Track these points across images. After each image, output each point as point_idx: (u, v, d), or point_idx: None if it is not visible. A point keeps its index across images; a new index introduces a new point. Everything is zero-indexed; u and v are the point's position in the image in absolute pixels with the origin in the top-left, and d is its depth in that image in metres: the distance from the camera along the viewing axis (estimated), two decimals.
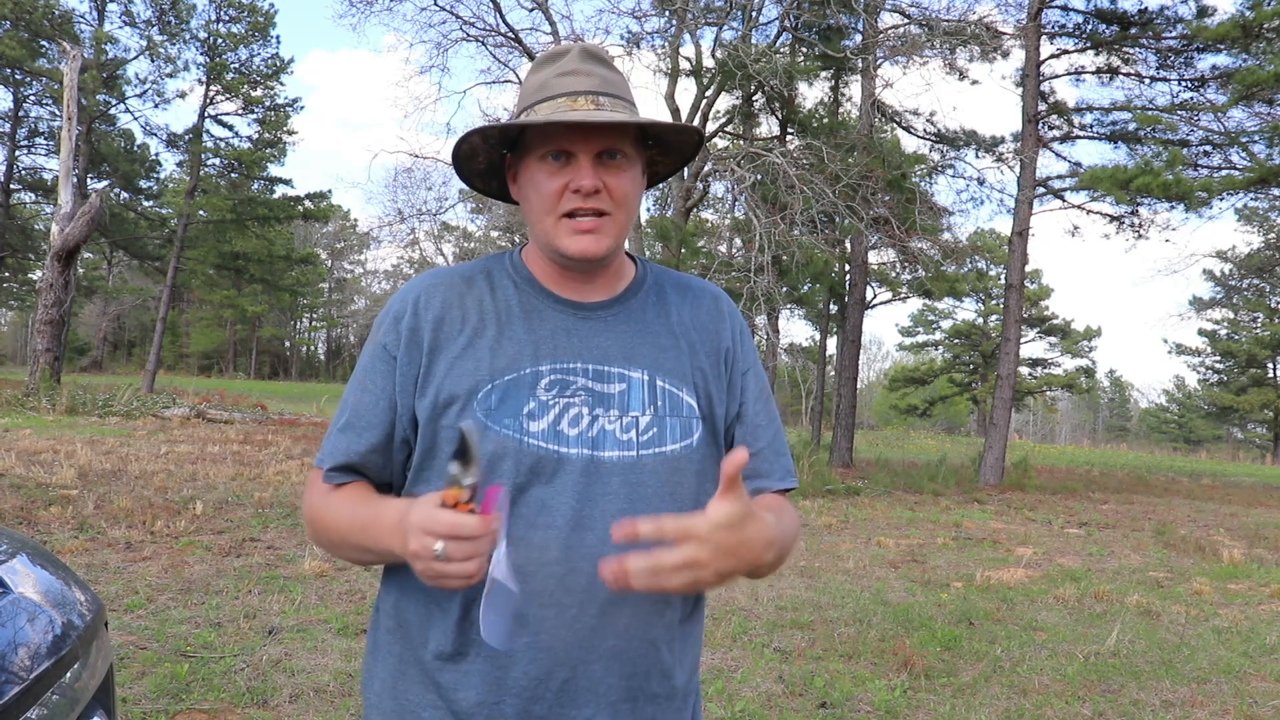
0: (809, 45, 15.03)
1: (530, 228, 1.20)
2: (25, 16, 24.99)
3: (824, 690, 3.94)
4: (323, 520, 1.16)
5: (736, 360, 1.26)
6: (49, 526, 6.05)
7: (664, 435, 1.16)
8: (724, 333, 1.26)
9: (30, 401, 15.25)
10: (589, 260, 1.15)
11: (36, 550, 2.04)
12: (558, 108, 1.12)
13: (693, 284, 1.31)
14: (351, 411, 1.17)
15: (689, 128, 1.21)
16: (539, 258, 1.22)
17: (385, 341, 1.17)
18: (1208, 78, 15.89)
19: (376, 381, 1.16)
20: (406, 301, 1.18)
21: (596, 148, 1.12)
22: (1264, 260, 37.43)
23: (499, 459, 1.09)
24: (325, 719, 3.31)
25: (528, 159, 1.16)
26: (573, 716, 1.11)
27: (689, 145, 1.24)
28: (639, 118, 1.14)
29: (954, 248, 16.44)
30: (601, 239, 1.14)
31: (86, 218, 16.68)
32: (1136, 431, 63.81)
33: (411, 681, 1.15)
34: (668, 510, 1.15)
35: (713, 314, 1.27)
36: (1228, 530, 10.49)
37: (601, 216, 1.13)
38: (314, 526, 1.18)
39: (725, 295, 1.33)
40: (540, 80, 1.17)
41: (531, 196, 1.16)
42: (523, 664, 1.10)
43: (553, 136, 1.13)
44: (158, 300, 34.57)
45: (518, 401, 1.11)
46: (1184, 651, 4.91)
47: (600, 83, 1.15)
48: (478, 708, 1.10)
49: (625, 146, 1.15)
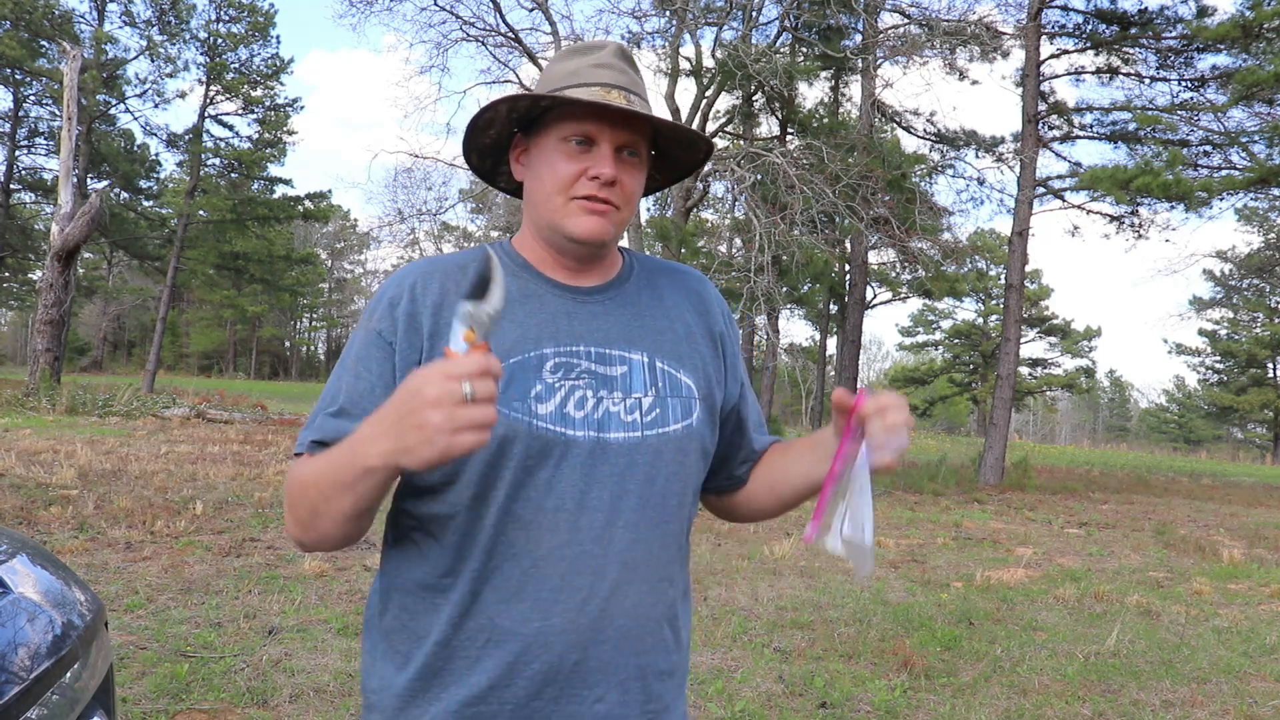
0: (809, 45, 15.03)
1: (534, 208, 1.19)
2: (25, 16, 24.99)
3: (824, 690, 3.94)
4: (300, 486, 1.07)
5: (728, 342, 1.31)
6: (49, 526, 6.05)
7: (666, 416, 1.18)
8: (715, 315, 1.31)
9: (30, 401, 15.25)
10: (592, 243, 1.16)
11: (36, 550, 2.04)
12: (592, 95, 1.13)
13: (678, 268, 1.35)
14: (346, 398, 1.12)
15: (702, 139, 1.23)
16: (534, 244, 1.22)
17: (380, 328, 1.14)
18: (1208, 78, 15.89)
19: (372, 368, 1.13)
20: (403, 287, 1.16)
21: (619, 141, 1.14)
22: (1264, 260, 37.44)
23: (509, 442, 1.09)
24: (325, 719, 3.31)
25: (544, 139, 1.17)
26: (584, 697, 1.12)
27: (689, 163, 1.28)
28: (670, 120, 1.17)
29: (954, 248, 16.45)
30: (607, 223, 1.16)
31: (86, 218, 16.68)
32: (1136, 431, 63.84)
33: (413, 673, 1.14)
34: (671, 490, 1.18)
35: (702, 297, 1.32)
36: (1228, 530, 10.49)
37: (609, 205, 1.15)
38: (293, 502, 1.08)
39: (706, 278, 1.37)
40: (572, 67, 1.18)
41: (545, 175, 1.16)
42: (534, 647, 1.10)
43: (581, 120, 1.14)
44: (158, 300, 34.59)
45: (525, 384, 1.11)
46: (1184, 651, 4.91)
47: (630, 82, 1.18)
48: (489, 692, 1.10)
49: (642, 147, 1.17)
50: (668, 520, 1.17)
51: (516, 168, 1.24)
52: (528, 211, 1.22)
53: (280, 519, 6.95)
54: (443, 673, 1.12)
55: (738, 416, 1.32)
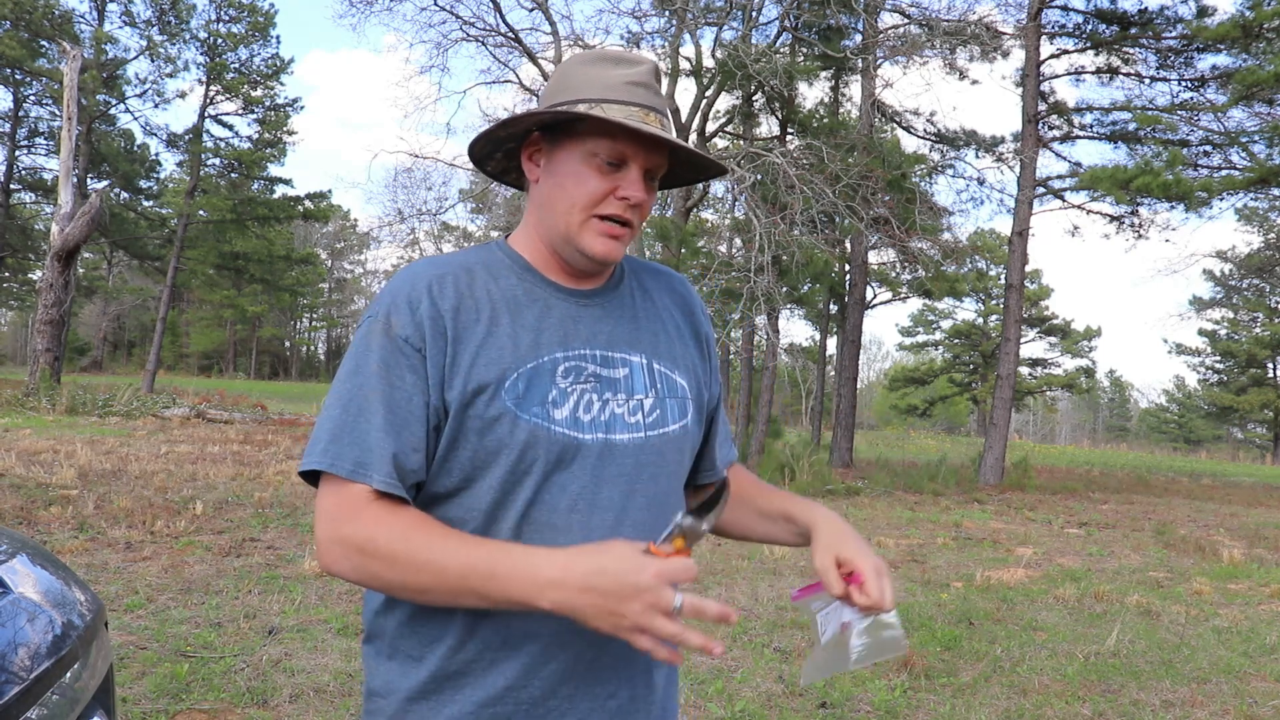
0: (809, 45, 15.03)
1: (548, 214, 1.18)
2: (25, 16, 25.00)
3: (824, 690, 3.94)
4: (412, 559, 1.02)
5: (711, 344, 1.35)
6: (49, 526, 6.05)
7: (665, 416, 1.21)
8: (699, 317, 1.34)
9: (30, 401, 15.25)
10: (607, 263, 1.18)
11: (36, 550, 2.04)
12: (631, 115, 1.12)
13: (660, 269, 1.37)
14: (385, 408, 1.07)
15: (716, 166, 1.25)
16: (538, 246, 1.21)
17: (406, 334, 1.10)
18: (1208, 78, 15.90)
19: (405, 376, 1.09)
20: (419, 289, 1.13)
21: (648, 164, 1.15)
22: (1264, 260, 37.43)
23: (531, 449, 1.10)
24: (325, 719, 3.31)
25: (571, 149, 1.15)
26: (598, 694, 1.14)
27: (690, 181, 1.31)
28: (697, 150, 1.19)
29: (954, 248, 16.45)
30: (622, 246, 1.18)
31: (86, 218, 16.68)
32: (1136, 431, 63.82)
33: (425, 676, 1.13)
34: (672, 489, 1.21)
35: (685, 299, 1.34)
36: (1228, 530, 10.48)
37: (627, 227, 1.17)
38: (389, 564, 1.02)
39: (687, 279, 1.40)
40: (608, 79, 1.15)
41: (570, 187, 1.15)
42: (552, 647, 1.11)
43: (615, 140, 1.13)
44: (158, 300, 34.59)
45: (542, 389, 1.12)
46: (1184, 651, 4.91)
47: (662, 105, 1.18)
48: (506, 693, 1.11)
49: (663, 170, 1.19)
50: (670, 518, 1.18)
51: (529, 165, 1.21)
52: (538, 215, 1.20)
53: (280, 519, 6.94)
54: (457, 675, 1.12)
55: (710, 423, 1.34)
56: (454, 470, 1.12)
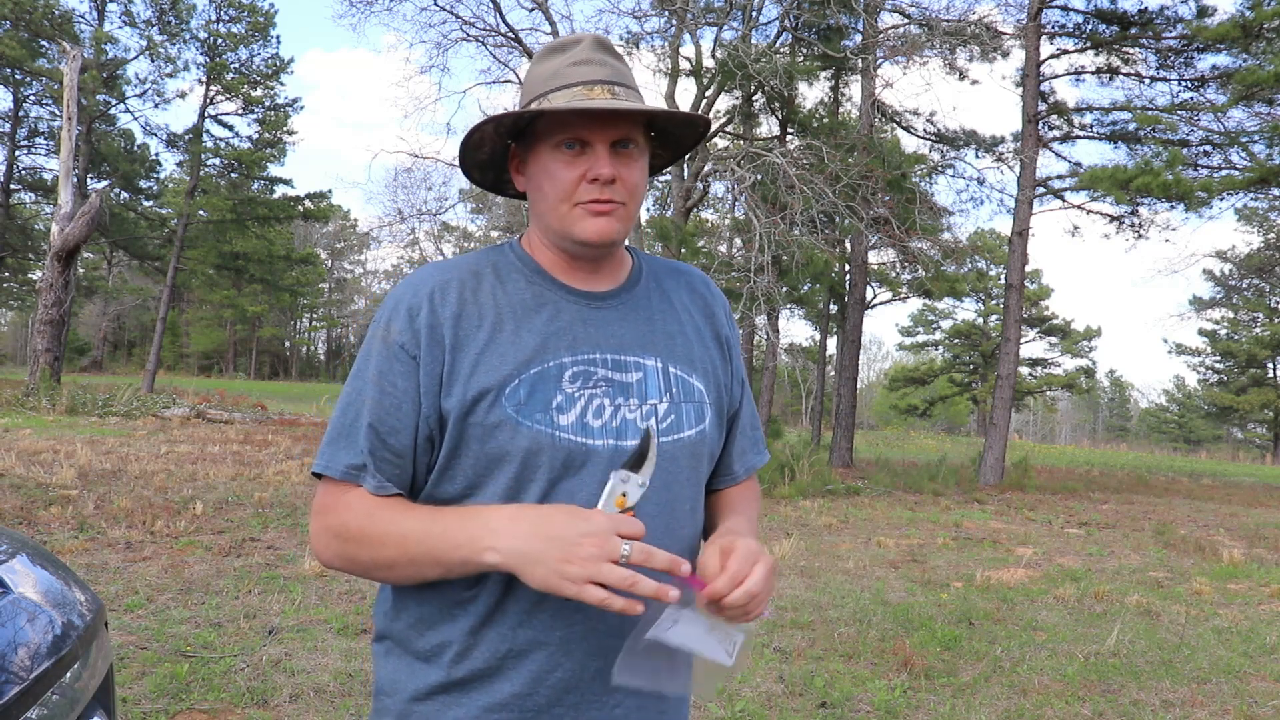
0: (809, 45, 15.02)
1: (540, 217, 1.18)
2: (25, 16, 24.98)
3: (824, 690, 3.94)
4: (377, 534, 1.07)
5: (733, 345, 1.32)
6: (49, 526, 6.05)
7: (681, 422, 1.18)
8: (719, 317, 1.31)
9: (30, 401, 15.25)
10: (604, 244, 1.15)
11: (36, 550, 2.04)
12: (574, 96, 1.11)
13: (682, 268, 1.34)
14: (373, 414, 1.10)
15: (699, 118, 1.21)
16: (545, 248, 1.21)
17: (402, 341, 1.11)
18: (1208, 78, 15.89)
19: (397, 383, 1.11)
20: (420, 296, 1.13)
21: (612, 136, 1.12)
22: (1264, 260, 37.41)
23: (535, 455, 1.09)
24: (325, 719, 3.31)
25: (539, 148, 1.15)
26: (604, 703, 1.13)
27: (691, 138, 1.25)
28: (657, 107, 1.15)
29: (954, 248, 16.44)
30: (614, 222, 1.14)
31: (86, 218, 16.68)
32: (1136, 431, 63.80)
33: (432, 679, 1.13)
34: (685, 496, 1.19)
35: (706, 299, 1.31)
36: (1228, 530, 10.48)
37: (615, 203, 1.14)
38: (359, 543, 1.08)
39: (710, 279, 1.37)
40: (552, 68, 1.15)
41: (545, 185, 1.14)
42: (557, 656, 1.10)
43: (569, 125, 1.12)
44: (158, 300, 34.57)
45: (546, 395, 1.11)
46: (1184, 651, 4.91)
47: (613, 73, 1.15)
48: (511, 699, 1.11)
49: (637, 136, 1.15)
50: (682, 525, 1.18)
51: (517, 178, 1.22)
52: (535, 220, 1.20)
53: (280, 519, 6.94)
54: (464, 680, 1.12)
55: (731, 425, 1.31)
56: (457, 477, 1.11)
